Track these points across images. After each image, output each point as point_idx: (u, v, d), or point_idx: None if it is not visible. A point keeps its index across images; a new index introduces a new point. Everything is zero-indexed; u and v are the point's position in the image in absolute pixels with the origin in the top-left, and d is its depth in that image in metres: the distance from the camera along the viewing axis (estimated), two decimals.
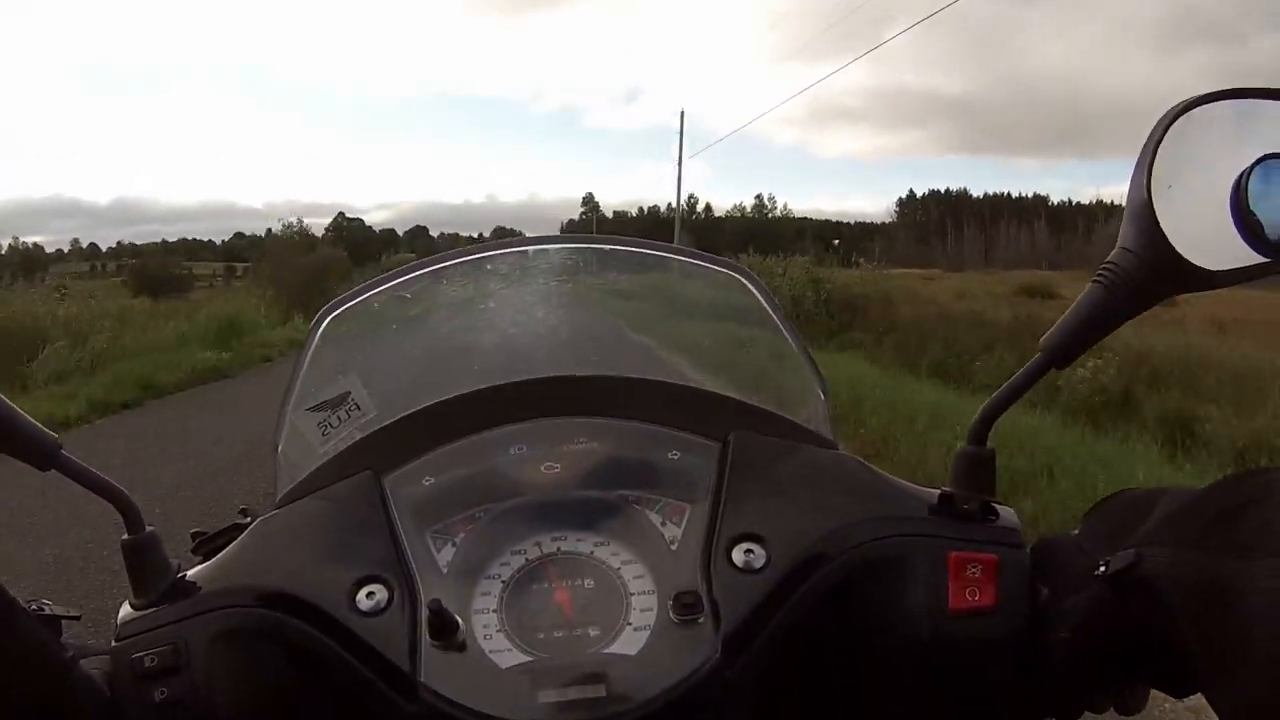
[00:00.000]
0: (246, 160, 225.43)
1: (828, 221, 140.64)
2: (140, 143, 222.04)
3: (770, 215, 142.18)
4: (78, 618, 0.69)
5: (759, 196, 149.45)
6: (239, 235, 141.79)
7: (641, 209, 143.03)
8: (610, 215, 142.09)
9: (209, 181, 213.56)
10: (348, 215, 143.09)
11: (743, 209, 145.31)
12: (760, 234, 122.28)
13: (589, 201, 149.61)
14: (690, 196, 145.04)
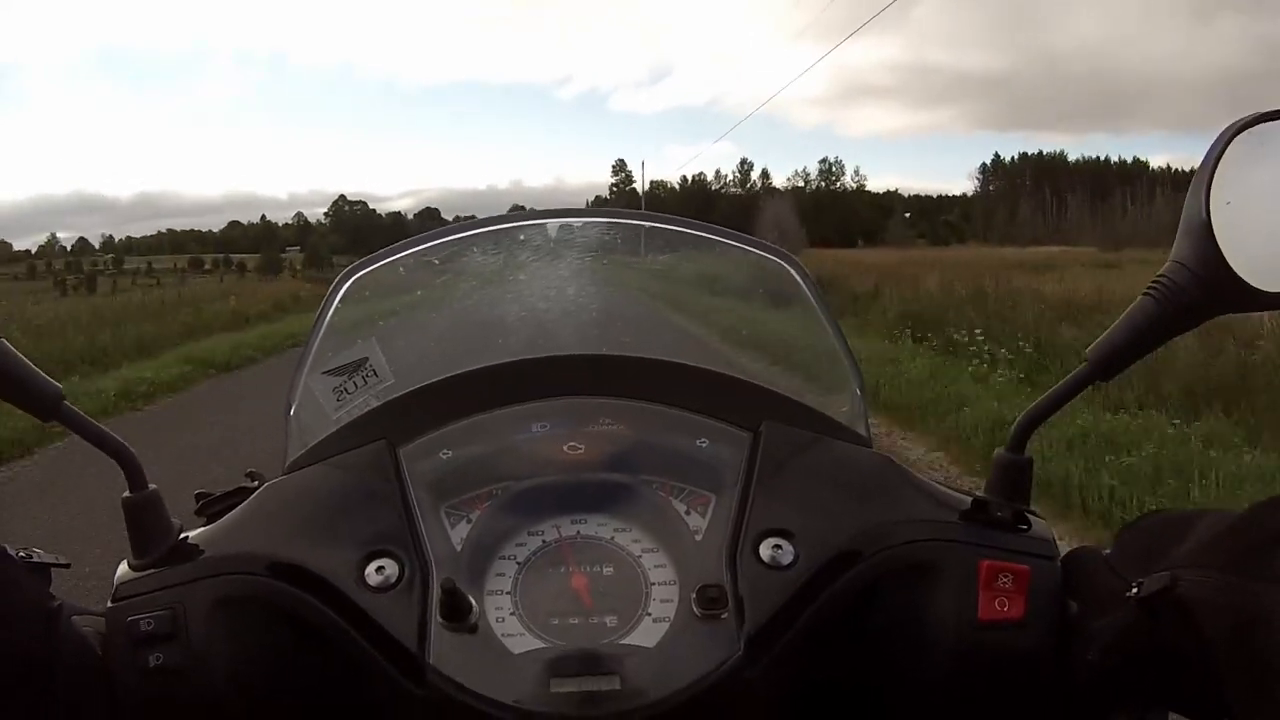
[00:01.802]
0: (270, 151, 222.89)
1: (893, 192, 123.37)
2: (163, 136, 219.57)
3: (838, 186, 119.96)
4: (67, 565, 0.66)
5: (825, 161, 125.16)
6: (234, 224, 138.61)
7: (686, 177, 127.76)
8: (646, 188, 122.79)
9: (233, 173, 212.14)
10: (350, 199, 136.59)
11: (806, 176, 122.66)
12: (828, 210, 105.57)
13: (620, 170, 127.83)
14: (743, 161, 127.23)
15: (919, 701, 0.66)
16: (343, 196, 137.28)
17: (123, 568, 0.67)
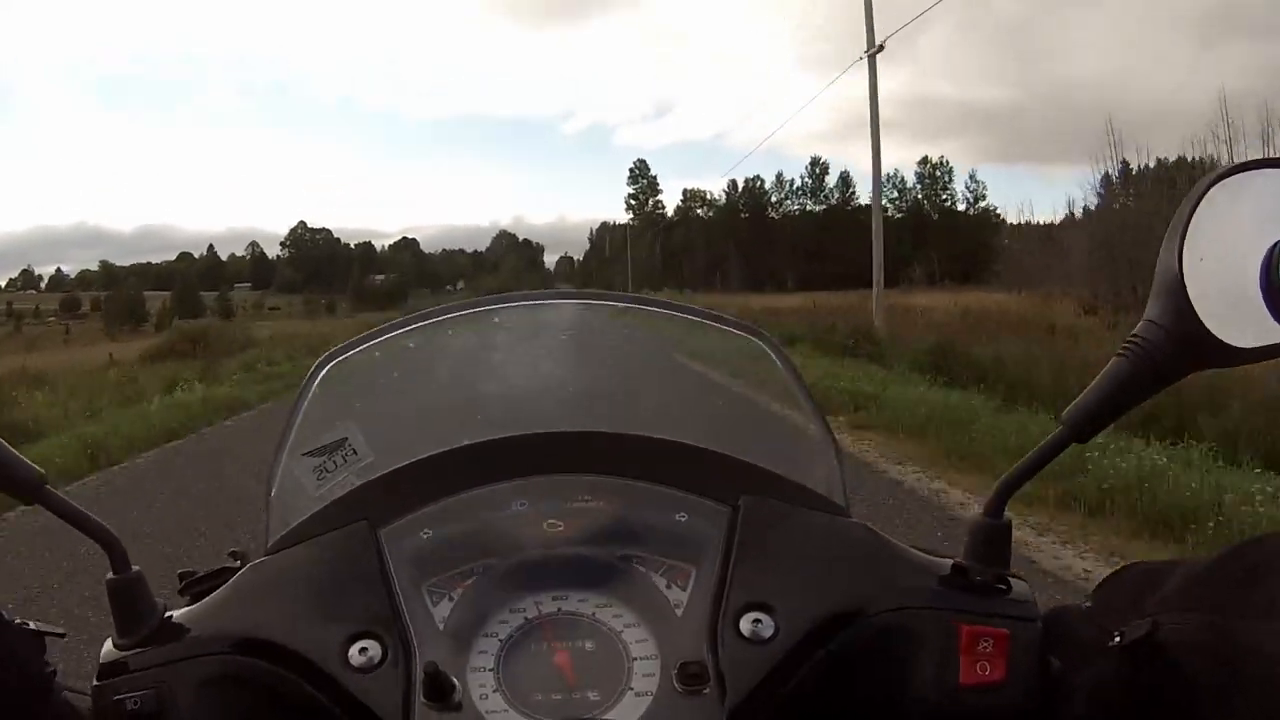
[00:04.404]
0: (272, 186, 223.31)
1: (990, 211, 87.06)
2: (165, 171, 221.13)
3: (947, 200, 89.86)
4: (63, 635, 0.67)
5: (925, 163, 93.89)
6: (184, 255, 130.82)
7: (735, 183, 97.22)
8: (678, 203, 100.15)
9: (234, 207, 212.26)
10: (311, 226, 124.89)
11: (900, 184, 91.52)
12: (943, 233, 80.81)
13: (640, 175, 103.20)
14: (815, 163, 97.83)
15: None
16: (302, 224, 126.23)
17: (108, 646, 0.68)
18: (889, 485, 7.45)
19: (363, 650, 0.64)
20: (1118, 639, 0.59)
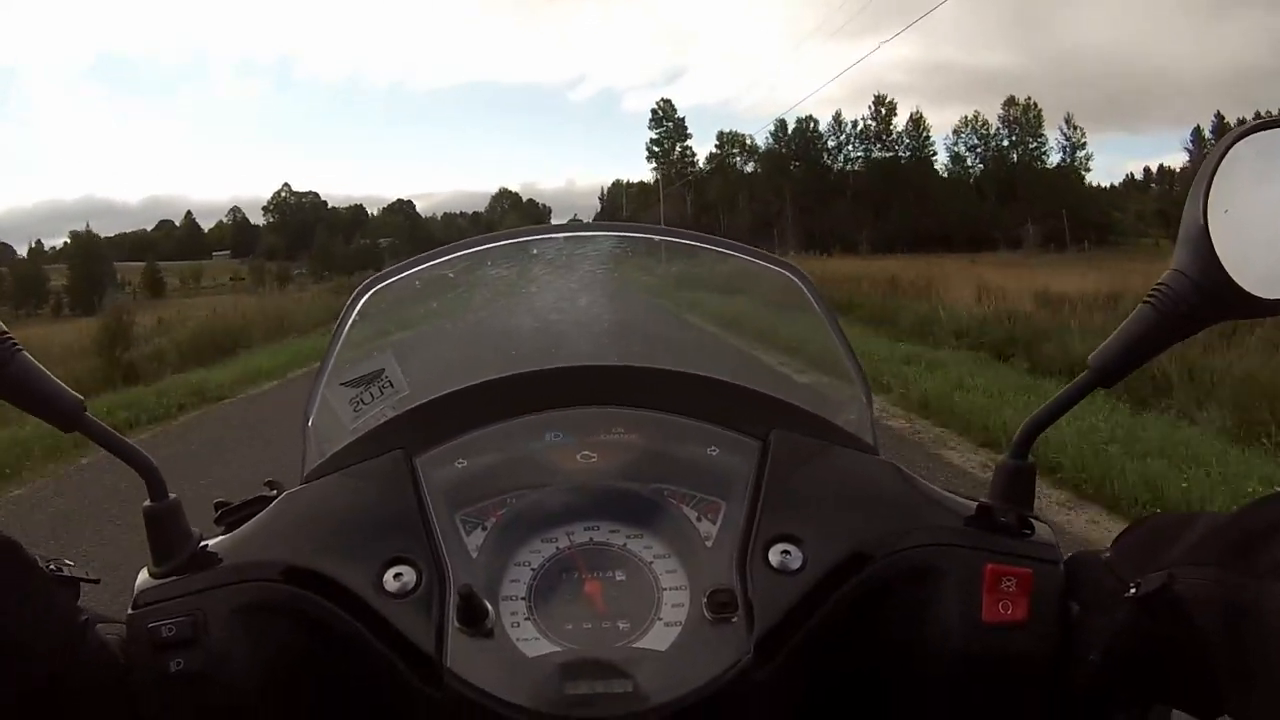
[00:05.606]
0: (279, 154, 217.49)
1: (1066, 165, 75.52)
2: (172, 141, 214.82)
3: (1037, 150, 74.54)
4: (97, 581, 0.67)
5: (1013, 105, 77.34)
6: (163, 223, 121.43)
7: (784, 123, 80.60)
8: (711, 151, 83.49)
9: (240, 176, 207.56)
10: (296, 189, 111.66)
11: (983, 130, 77.00)
12: (1029, 187, 69.42)
13: (664, 118, 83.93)
14: (879, 100, 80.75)
15: (925, 701, 0.68)
16: (287, 186, 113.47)
17: (143, 575, 0.68)
18: None
19: (397, 576, 0.65)
20: (1134, 589, 0.60)
